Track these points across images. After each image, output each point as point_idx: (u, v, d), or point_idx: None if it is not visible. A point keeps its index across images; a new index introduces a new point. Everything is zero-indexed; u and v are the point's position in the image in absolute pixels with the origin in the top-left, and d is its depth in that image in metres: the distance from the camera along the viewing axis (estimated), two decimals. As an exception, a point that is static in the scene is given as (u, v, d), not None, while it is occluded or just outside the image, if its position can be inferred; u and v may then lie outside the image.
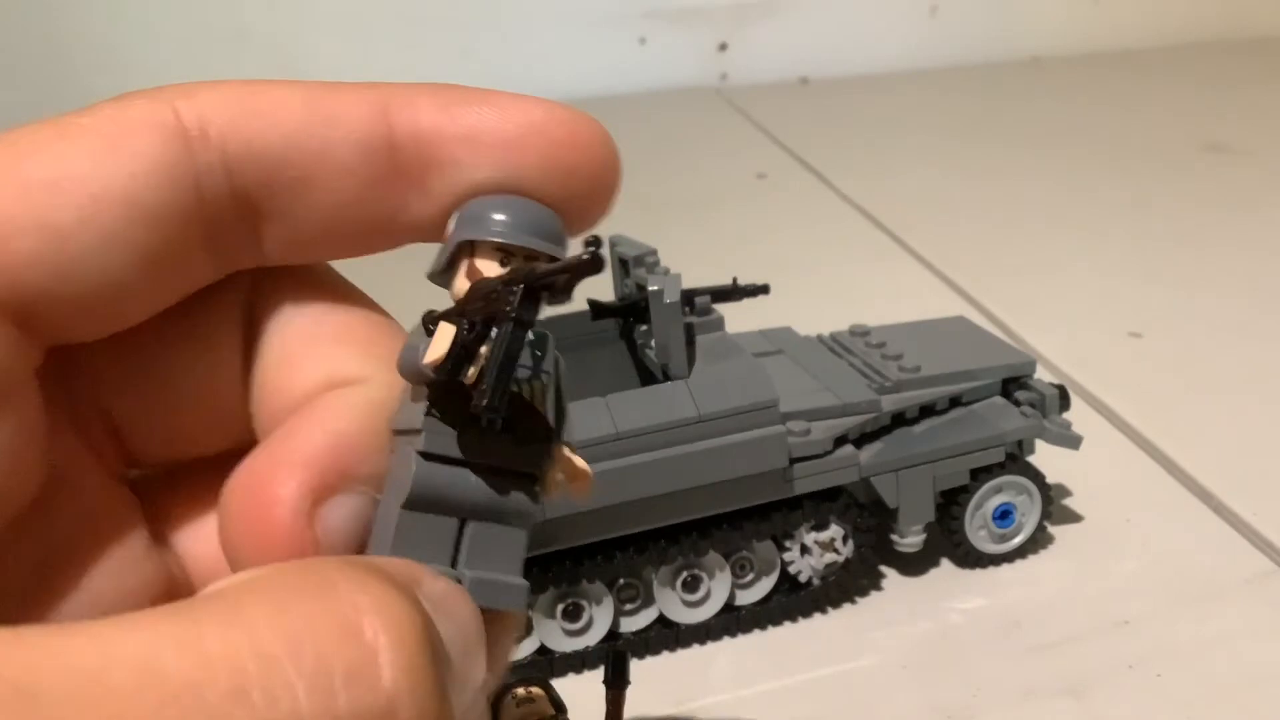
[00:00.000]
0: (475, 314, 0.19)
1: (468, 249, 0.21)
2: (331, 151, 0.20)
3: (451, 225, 0.21)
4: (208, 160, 0.20)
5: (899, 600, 0.54)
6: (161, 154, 0.20)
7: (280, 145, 0.20)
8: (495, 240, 0.20)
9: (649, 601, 0.52)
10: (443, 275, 0.21)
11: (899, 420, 0.54)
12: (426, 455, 0.20)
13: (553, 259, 0.21)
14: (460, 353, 0.19)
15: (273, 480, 0.20)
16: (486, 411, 0.19)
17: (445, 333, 0.19)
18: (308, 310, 0.23)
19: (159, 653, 0.13)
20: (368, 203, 0.21)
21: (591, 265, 0.19)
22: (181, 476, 0.24)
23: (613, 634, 0.51)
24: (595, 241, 0.19)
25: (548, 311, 0.21)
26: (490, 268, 0.21)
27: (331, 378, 0.21)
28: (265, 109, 0.20)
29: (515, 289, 0.19)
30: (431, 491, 0.20)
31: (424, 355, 0.19)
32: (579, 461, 0.22)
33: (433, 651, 0.15)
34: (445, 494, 0.20)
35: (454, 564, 0.20)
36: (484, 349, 0.19)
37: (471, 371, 0.19)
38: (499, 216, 0.21)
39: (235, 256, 0.21)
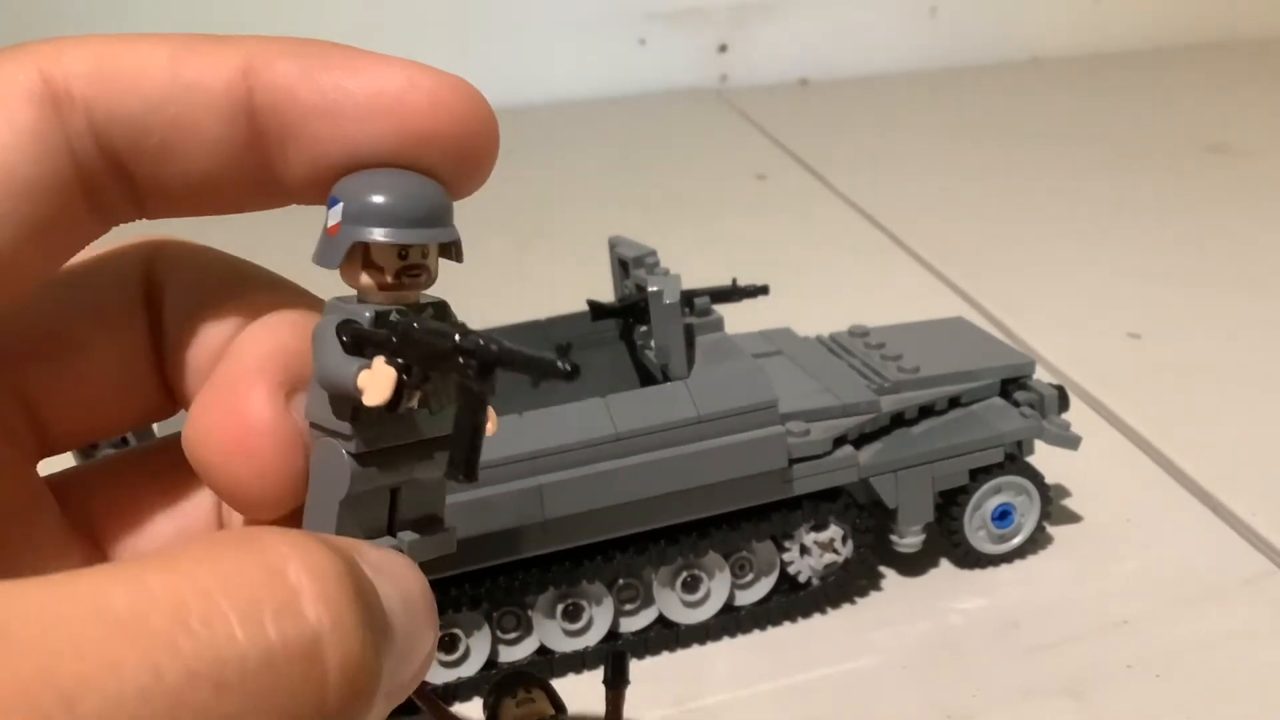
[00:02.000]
0: (415, 359, 0.19)
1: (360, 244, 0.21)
2: (191, 118, 0.20)
3: (335, 214, 0.21)
4: (76, 125, 0.20)
5: (898, 601, 0.54)
6: (32, 122, 0.19)
7: (141, 111, 0.20)
8: (388, 243, 0.20)
9: (649, 602, 0.52)
10: (335, 265, 0.21)
11: (898, 421, 0.54)
12: (358, 456, 0.20)
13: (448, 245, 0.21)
14: (400, 394, 0.19)
15: (244, 388, 0.20)
16: (463, 481, 0.20)
17: (385, 377, 0.19)
18: (208, 273, 0.23)
19: (106, 590, 0.14)
20: (233, 167, 0.21)
21: (563, 376, 0.19)
22: (100, 477, 0.24)
23: (613, 634, 0.52)
24: (567, 348, 0.20)
25: (548, 311, 0.21)
26: (388, 261, 0.21)
27: (250, 320, 0.22)
28: (127, 72, 0.20)
29: (471, 364, 0.19)
30: (366, 484, 0.21)
31: (362, 393, 0.19)
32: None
33: (355, 593, 0.16)
34: (377, 481, 0.21)
35: (391, 530, 0.22)
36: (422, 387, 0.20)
37: (408, 404, 0.20)
38: (385, 206, 0.20)
39: (117, 212, 0.21)
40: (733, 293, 0.56)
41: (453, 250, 0.22)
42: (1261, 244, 0.95)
